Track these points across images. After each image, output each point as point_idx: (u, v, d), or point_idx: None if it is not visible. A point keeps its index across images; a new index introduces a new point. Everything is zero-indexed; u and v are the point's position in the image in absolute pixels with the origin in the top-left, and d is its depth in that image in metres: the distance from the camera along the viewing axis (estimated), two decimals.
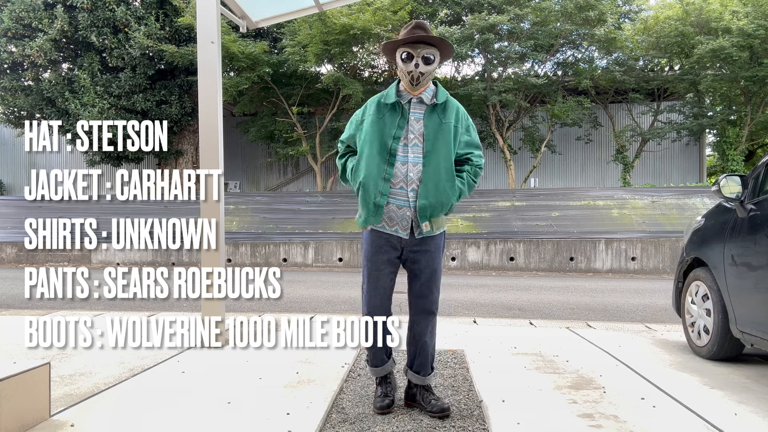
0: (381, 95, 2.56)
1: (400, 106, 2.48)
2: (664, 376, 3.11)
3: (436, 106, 2.50)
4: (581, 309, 6.11)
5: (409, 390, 2.64)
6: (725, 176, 3.44)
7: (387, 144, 2.45)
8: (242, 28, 4.65)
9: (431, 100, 2.50)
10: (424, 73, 2.42)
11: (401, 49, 2.45)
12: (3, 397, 2.11)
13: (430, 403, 2.54)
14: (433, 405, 2.52)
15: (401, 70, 2.47)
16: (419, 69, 2.41)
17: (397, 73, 2.68)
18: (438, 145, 2.45)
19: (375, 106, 2.53)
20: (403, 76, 2.48)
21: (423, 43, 2.43)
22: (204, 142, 3.78)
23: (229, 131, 15.32)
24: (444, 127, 2.48)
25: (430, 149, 2.45)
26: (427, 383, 2.60)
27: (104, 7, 13.04)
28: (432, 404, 2.53)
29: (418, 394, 2.60)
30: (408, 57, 2.43)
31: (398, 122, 2.47)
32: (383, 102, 2.52)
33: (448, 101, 2.53)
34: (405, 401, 2.66)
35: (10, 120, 15.53)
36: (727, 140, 14.51)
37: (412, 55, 2.42)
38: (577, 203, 12.06)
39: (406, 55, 2.43)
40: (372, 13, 12.15)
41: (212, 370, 3.18)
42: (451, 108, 2.53)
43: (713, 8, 12.65)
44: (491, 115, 14.70)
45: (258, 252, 11.33)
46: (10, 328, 4.33)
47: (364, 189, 2.46)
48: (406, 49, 2.43)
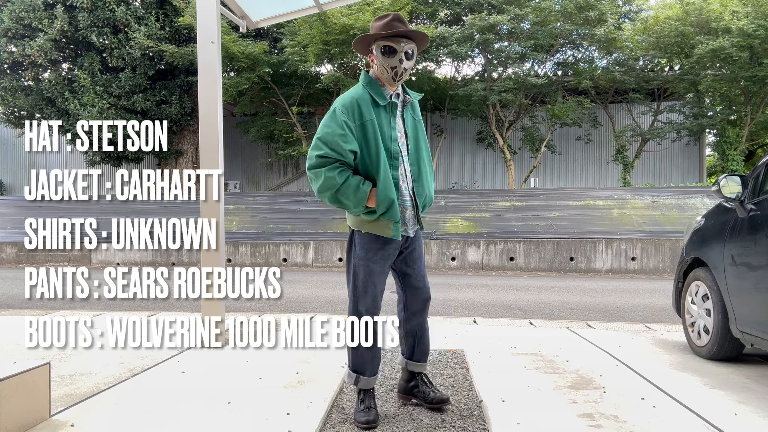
0: (360, 95, 2.36)
1: (393, 105, 2.42)
2: (664, 376, 3.11)
3: (410, 102, 2.51)
4: (581, 309, 6.11)
5: (408, 383, 2.67)
6: (725, 176, 3.44)
7: (390, 149, 2.38)
8: (242, 28, 4.65)
9: (403, 96, 2.49)
10: (407, 69, 2.36)
11: (382, 43, 2.33)
12: (3, 397, 2.11)
13: (430, 395, 2.58)
14: (433, 396, 2.58)
15: (381, 65, 2.35)
16: (403, 64, 2.34)
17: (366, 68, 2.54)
18: (419, 142, 2.52)
19: (367, 108, 2.34)
20: (384, 71, 2.36)
21: (404, 38, 2.35)
22: (204, 142, 3.78)
23: (229, 131, 15.34)
24: (417, 123, 2.55)
25: (414, 146, 2.49)
26: (426, 369, 2.68)
27: (104, 7, 13.05)
28: (432, 395, 2.58)
29: (419, 384, 2.63)
30: (390, 51, 2.32)
31: (391, 122, 2.41)
32: (375, 102, 2.36)
33: (414, 97, 2.56)
34: (401, 395, 2.70)
35: (10, 120, 15.54)
36: (727, 140, 14.52)
37: (395, 50, 2.32)
38: (577, 203, 12.06)
39: (388, 49, 2.33)
40: (372, 13, 12.14)
41: (212, 370, 3.18)
42: (416, 104, 2.59)
43: (713, 8, 12.65)
44: (491, 115, 14.71)
45: (258, 252, 11.33)
46: (10, 328, 4.32)
47: (392, 208, 2.32)
48: (388, 43, 2.32)
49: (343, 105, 2.33)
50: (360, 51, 2.48)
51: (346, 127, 2.29)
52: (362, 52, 2.48)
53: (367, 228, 2.42)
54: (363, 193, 2.30)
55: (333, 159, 2.29)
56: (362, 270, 2.45)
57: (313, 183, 2.35)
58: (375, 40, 2.37)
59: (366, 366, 2.47)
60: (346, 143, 2.28)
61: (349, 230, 2.56)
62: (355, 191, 2.29)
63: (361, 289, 2.47)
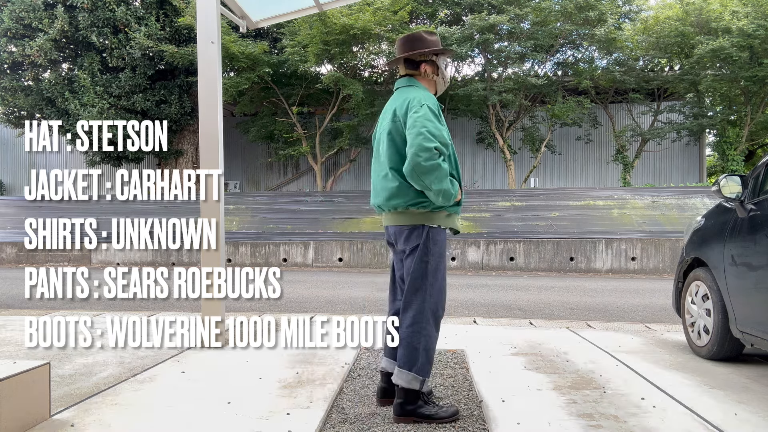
0: (433, 98, 2.50)
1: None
2: (664, 376, 3.11)
3: None
4: (581, 309, 6.11)
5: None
6: (725, 176, 3.44)
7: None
8: (242, 28, 4.65)
9: None
10: None
11: (449, 58, 2.74)
12: (3, 397, 2.11)
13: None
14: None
15: (442, 76, 2.63)
16: None
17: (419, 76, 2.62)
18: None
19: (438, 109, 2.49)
20: (443, 82, 2.65)
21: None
22: (204, 142, 3.78)
23: (229, 131, 15.33)
24: None
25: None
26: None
27: (104, 7, 13.05)
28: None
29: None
30: (447, 66, 2.69)
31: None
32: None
33: None
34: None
35: (10, 120, 15.53)
36: (727, 140, 14.52)
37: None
38: (577, 203, 12.06)
39: (450, 63, 2.60)
40: (372, 13, 12.15)
41: (212, 370, 3.18)
42: None
43: (713, 8, 12.65)
44: (491, 115, 14.71)
45: (258, 252, 11.33)
46: (10, 328, 4.33)
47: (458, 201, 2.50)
48: (450, 58, 2.66)
49: (434, 103, 2.44)
50: (415, 56, 2.56)
51: (444, 123, 2.43)
52: (416, 58, 2.56)
53: (447, 222, 2.48)
54: (456, 186, 2.39)
55: (440, 152, 2.31)
56: (443, 268, 2.44)
57: (429, 175, 2.26)
58: (443, 53, 2.61)
59: (428, 368, 2.43)
60: (449, 137, 2.41)
61: (409, 230, 2.43)
62: (453, 184, 2.37)
63: (441, 288, 2.44)
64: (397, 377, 2.40)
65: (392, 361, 2.56)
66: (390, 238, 2.61)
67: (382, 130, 2.55)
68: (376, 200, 2.58)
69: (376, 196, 2.58)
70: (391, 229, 2.55)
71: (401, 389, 2.40)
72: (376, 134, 2.69)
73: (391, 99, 2.62)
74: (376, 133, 2.69)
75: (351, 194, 13.83)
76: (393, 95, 2.63)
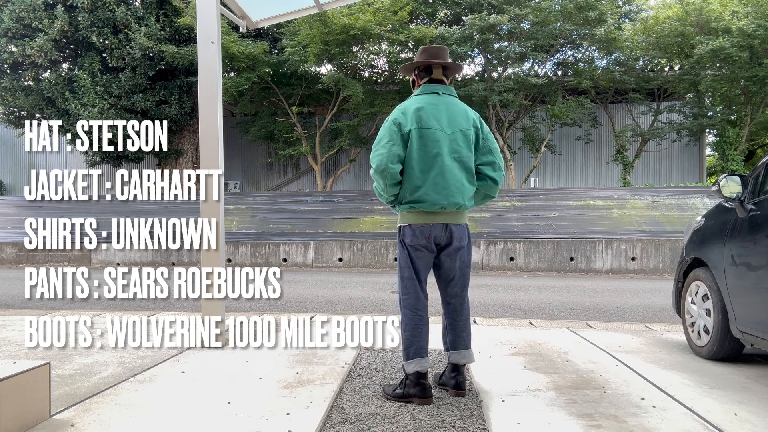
0: None
1: None
2: (664, 376, 3.11)
3: None
4: (581, 309, 6.11)
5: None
6: (725, 176, 3.44)
7: None
8: (242, 28, 4.65)
9: None
10: None
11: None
12: (3, 397, 2.11)
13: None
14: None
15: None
16: None
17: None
18: None
19: None
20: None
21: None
22: (204, 142, 3.78)
23: (229, 131, 15.35)
24: None
25: None
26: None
27: (104, 7, 13.05)
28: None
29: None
30: None
31: None
32: None
33: None
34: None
35: (10, 120, 15.54)
36: (727, 140, 14.51)
37: None
38: (577, 203, 12.06)
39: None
40: (372, 14, 12.15)
41: (212, 370, 3.18)
42: None
43: (713, 8, 12.65)
44: (491, 115, 14.71)
45: (258, 252, 11.33)
46: (10, 328, 4.33)
47: None
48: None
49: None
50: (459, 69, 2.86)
51: None
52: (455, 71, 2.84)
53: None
54: None
55: None
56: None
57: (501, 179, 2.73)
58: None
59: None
60: None
61: (466, 227, 2.73)
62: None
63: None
64: (470, 357, 2.74)
65: (457, 351, 2.75)
66: (441, 238, 2.64)
67: (458, 130, 2.61)
68: (454, 199, 2.59)
69: (454, 195, 2.59)
70: (453, 227, 2.64)
71: (465, 366, 2.77)
72: (427, 131, 2.58)
73: (442, 99, 2.66)
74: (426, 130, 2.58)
75: (351, 194, 13.84)
76: (440, 97, 2.66)
